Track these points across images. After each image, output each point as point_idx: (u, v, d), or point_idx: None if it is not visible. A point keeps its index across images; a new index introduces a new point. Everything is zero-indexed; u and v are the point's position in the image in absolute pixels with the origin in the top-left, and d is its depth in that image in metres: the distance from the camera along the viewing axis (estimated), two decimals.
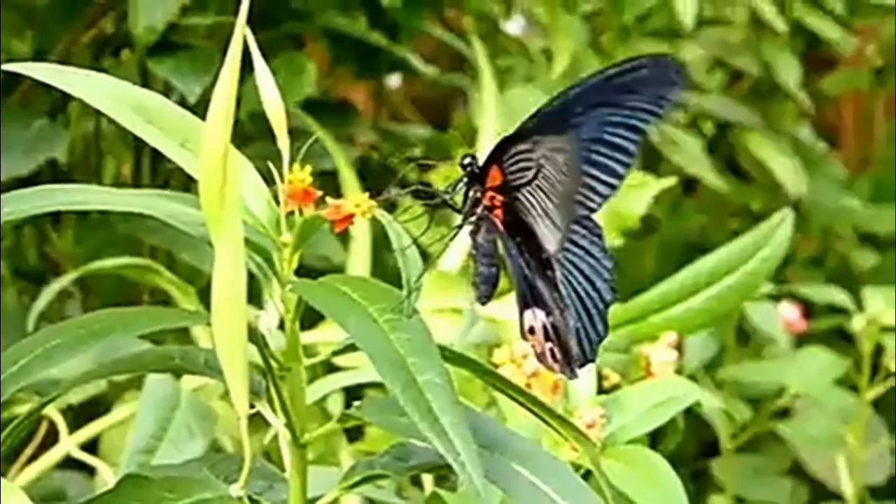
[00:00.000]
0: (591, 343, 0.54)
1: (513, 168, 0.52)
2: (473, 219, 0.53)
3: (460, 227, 0.53)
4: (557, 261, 0.53)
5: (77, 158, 1.08)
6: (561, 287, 0.53)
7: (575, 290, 0.54)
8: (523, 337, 0.54)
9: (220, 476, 0.52)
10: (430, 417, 0.45)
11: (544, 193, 0.52)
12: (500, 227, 0.53)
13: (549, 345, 0.53)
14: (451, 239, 0.53)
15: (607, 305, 0.54)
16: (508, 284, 0.55)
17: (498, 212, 0.53)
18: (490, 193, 0.53)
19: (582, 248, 0.54)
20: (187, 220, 0.50)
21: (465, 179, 0.53)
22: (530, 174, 0.52)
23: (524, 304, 0.54)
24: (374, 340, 0.46)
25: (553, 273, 0.53)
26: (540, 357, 0.54)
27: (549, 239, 0.53)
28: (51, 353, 0.48)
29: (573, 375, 0.53)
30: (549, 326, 0.53)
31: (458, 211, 0.53)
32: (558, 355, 0.53)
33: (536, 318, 0.53)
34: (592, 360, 0.54)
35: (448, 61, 1.37)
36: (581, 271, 0.54)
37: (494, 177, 0.53)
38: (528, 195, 0.52)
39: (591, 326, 0.54)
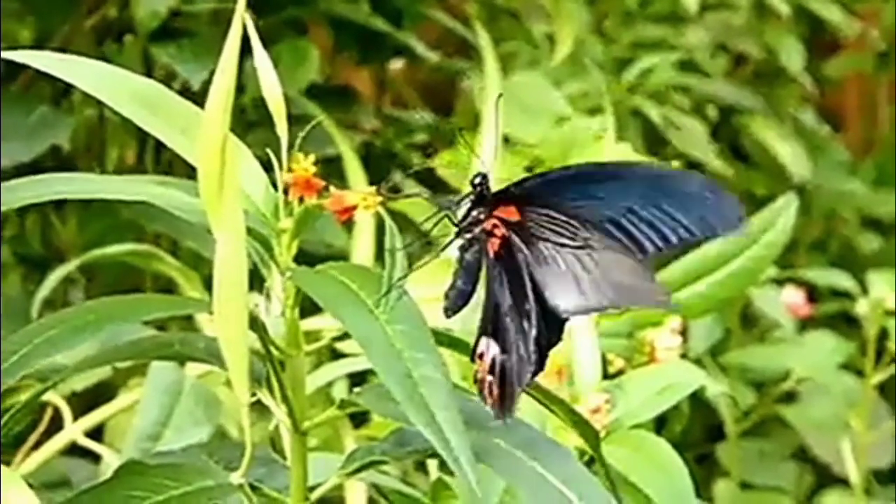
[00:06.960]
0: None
1: (539, 220, 0.51)
2: (468, 236, 0.52)
3: (452, 240, 0.52)
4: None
5: (80, 145, 1.08)
6: (531, 343, 0.50)
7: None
8: (472, 359, 0.52)
9: (221, 463, 0.52)
10: (427, 413, 0.44)
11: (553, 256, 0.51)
12: (491, 254, 0.51)
13: (490, 377, 0.51)
14: (443, 249, 0.52)
15: (551, 345, 0.52)
16: None
17: (495, 241, 0.51)
18: (494, 222, 0.51)
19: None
20: (189, 208, 0.50)
21: (472, 198, 0.51)
22: (558, 235, 0.51)
23: (483, 331, 0.52)
24: (369, 333, 0.46)
25: (530, 327, 0.50)
26: (479, 383, 0.51)
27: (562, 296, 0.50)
28: (53, 342, 0.47)
29: (501, 418, 0.51)
30: (498, 364, 0.51)
31: (455, 223, 0.52)
32: (495, 392, 0.51)
33: (489, 349, 0.51)
34: (524, 390, 0.52)
35: (453, 47, 1.36)
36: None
37: (510, 213, 0.51)
38: (547, 249, 0.51)
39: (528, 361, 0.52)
